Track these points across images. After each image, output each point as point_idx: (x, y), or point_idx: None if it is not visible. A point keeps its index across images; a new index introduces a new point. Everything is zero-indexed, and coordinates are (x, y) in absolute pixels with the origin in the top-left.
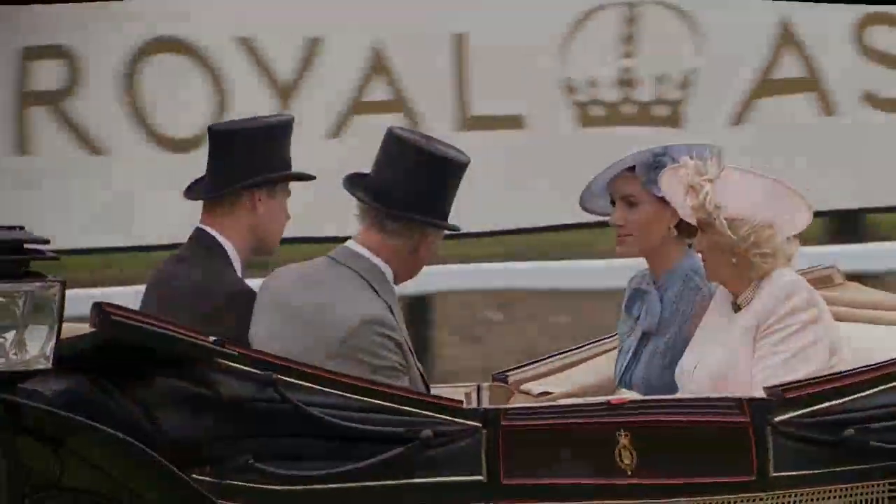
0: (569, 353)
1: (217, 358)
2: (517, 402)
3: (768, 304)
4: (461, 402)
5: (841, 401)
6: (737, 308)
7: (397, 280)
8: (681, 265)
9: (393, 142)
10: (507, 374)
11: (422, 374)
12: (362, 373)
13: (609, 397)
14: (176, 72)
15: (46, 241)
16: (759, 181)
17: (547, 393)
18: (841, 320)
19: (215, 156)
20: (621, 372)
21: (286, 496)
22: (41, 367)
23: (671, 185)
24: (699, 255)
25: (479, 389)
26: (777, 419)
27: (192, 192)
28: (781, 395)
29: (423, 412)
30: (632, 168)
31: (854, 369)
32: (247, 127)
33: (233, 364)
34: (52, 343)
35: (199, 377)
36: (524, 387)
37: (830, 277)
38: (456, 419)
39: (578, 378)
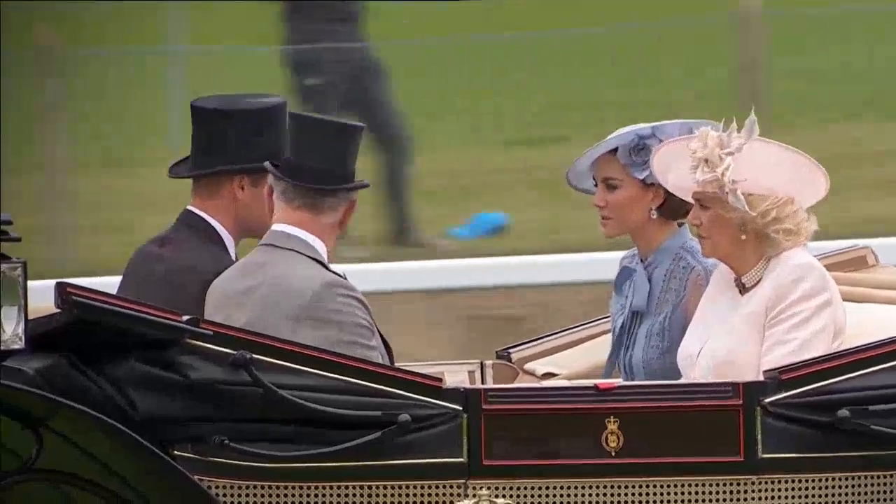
0: (572, 330)
1: (189, 338)
2: (521, 383)
3: (778, 287)
4: (441, 380)
5: (835, 380)
6: (742, 288)
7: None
8: (670, 244)
9: (301, 124)
10: (510, 350)
11: (388, 347)
12: (331, 332)
13: (597, 381)
14: None
15: (9, 223)
16: (785, 154)
17: (552, 374)
18: (872, 302)
19: (197, 134)
20: (617, 352)
21: (267, 472)
22: (17, 346)
23: (665, 159)
24: (697, 231)
25: (482, 367)
26: (768, 400)
27: (173, 171)
28: (778, 377)
29: (401, 393)
30: (615, 150)
31: (852, 348)
32: (228, 108)
33: (205, 345)
34: (22, 322)
35: (169, 358)
36: (528, 366)
37: (864, 259)
38: (435, 401)
39: (583, 359)
